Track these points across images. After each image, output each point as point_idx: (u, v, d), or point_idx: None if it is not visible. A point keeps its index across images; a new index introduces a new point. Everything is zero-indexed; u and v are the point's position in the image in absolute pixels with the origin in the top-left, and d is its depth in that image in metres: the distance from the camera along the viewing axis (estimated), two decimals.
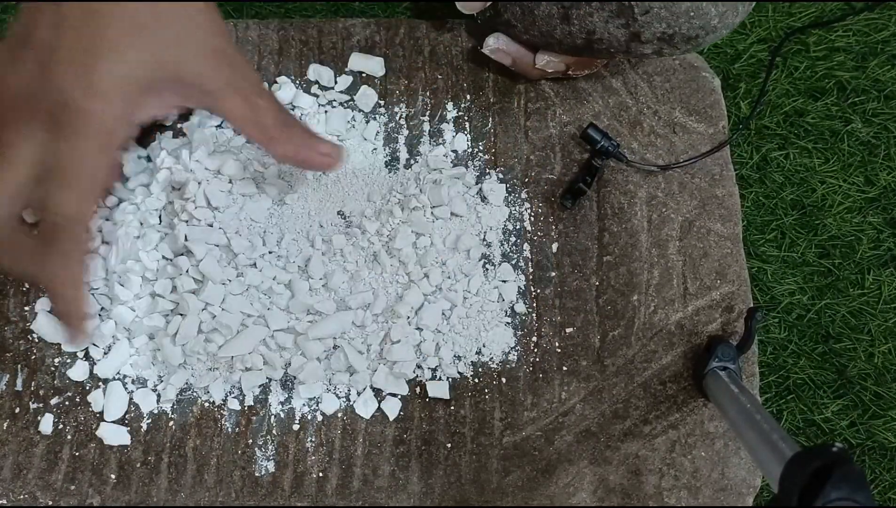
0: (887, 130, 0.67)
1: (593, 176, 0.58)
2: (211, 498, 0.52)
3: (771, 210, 0.65)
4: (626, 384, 0.56)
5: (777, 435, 0.43)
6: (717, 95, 0.62)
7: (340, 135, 0.60)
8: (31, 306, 0.56)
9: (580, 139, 0.59)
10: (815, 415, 0.60)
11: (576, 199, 0.58)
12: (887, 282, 0.63)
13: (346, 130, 0.60)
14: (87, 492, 0.52)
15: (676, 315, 0.57)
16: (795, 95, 0.67)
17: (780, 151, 0.66)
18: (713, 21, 0.51)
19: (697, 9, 0.49)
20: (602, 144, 0.57)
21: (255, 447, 0.53)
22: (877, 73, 0.68)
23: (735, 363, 0.53)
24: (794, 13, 0.70)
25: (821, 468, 0.36)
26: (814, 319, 0.63)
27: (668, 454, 0.54)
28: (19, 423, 0.54)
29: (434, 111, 0.61)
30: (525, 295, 0.57)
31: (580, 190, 0.57)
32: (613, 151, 0.58)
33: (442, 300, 0.55)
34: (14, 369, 0.55)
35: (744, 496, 0.54)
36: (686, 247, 0.58)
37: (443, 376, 0.55)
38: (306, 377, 0.53)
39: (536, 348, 0.56)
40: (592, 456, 0.54)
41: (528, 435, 0.54)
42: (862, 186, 0.66)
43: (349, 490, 0.53)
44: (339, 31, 0.63)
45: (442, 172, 0.58)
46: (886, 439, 0.60)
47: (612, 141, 0.58)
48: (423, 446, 0.54)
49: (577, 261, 0.58)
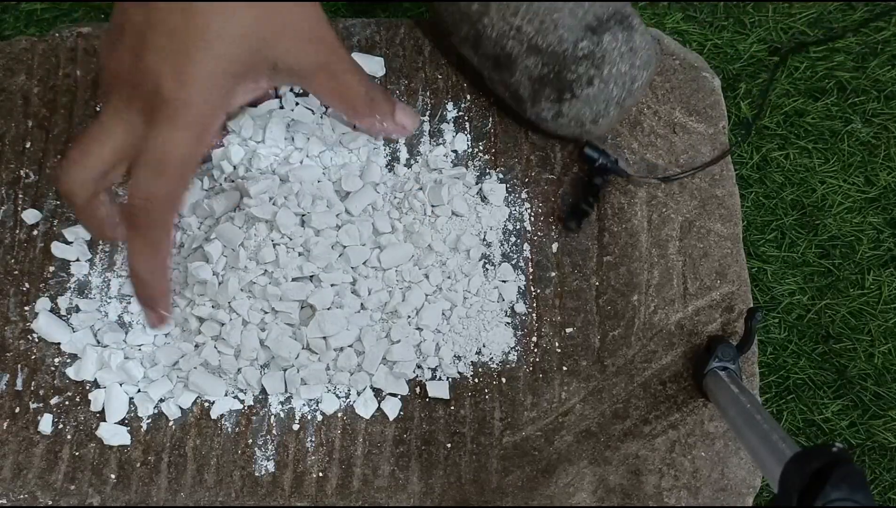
0: (887, 130, 0.67)
1: (596, 195, 0.57)
2: (211, 498, 0.52)
3: (771, 210, 0.65)
4: (626, 384, 0.56)
5: (777, 435, 0.43)
6: (717, 95, 0.62)
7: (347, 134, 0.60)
8: (31, 306, 0.56)
9: (577, 158, 0.59)
10: (815, 415, 0.60)
11: (580, 220, 0.58)
12: (887, 282, 0.63)
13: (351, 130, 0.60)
14: (87, 492, 0.52)
15: (676, 315, 0.57)
16: (795, 95, 0.67)
17: (780, 151, 0.66)
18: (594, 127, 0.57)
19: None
20: (600, 162, 0.57)
21: (255, 447, 0.53)
22: (877, 73, 0.68)
23: (735, 363, 0.53)
24: (794, 13, 0.70)
25: (821, 468, 0.36)
26: (814, 319, 0.63)
27: (668, 454, 0.54)
28: (19, 423, 0.54)
29: (434, 111, 0.61)
30: (525, 295, 0.57)
31: (584, 212, 0.57)
32: (612, 167, 0.57)
33: (442, 300, 0.55)
34: (14, 369, 0.55)
35: (744, 496, 0.54)
36: (686, 247, 0.58)
37: (443, 376, 0.55)
38: (308, 377, 0.53)
39: (536, 348, 0.56)
40: (592, 456, 0.54)
41: (528, 435, 0.54)
42: (862, 187, 0.66)
43: (349, 490, 0.53)
44: (339, 31, 0.62)
45: (442, 172, 0.58)
46: (886, 439, 0.60)
47: (610, 157, 0.57)
48: (423, 446, 0.54)
49: (577, 261, 0.58)
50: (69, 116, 0.60)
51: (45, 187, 0.59)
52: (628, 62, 0.54)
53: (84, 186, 0.44)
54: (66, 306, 0.56)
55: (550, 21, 0.54)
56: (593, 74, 0.53)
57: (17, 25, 0.69)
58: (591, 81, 0.54)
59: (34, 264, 0.57)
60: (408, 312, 0.54)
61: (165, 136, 0.42)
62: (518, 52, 0.55)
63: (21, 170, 0.59)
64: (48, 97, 0.61)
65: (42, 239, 0.57)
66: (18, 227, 0.58)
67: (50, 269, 0.57)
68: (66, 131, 0.60)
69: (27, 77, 0.61)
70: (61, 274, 0.57)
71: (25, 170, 0.59)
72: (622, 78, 0.54)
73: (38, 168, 0.59)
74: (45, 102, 0.61)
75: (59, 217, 0.58)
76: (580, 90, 0.54)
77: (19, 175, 0.59)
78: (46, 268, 0.57)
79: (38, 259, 0.57)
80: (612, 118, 0.56)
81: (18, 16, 0.69)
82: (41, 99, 0.61)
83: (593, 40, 0.53)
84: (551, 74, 0.54)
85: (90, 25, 0.63)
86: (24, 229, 0.58)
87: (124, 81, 0.42)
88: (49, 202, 0.58)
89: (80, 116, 0.61)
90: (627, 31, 0.54)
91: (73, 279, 0.56)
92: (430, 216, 0.56)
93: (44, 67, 0.62)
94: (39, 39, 0.63)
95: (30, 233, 0.58)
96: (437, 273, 0.55)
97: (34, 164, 0.59)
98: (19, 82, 0.61)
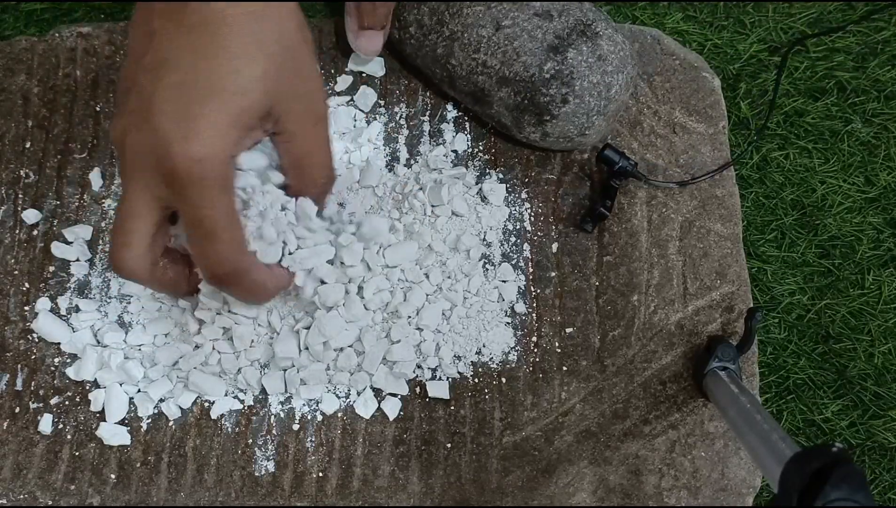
0: (887, 130, 0.67)
1: (613, 197, 0.57)
2: (211, 498, 0.52)
3: (771, 210, 0.65)
4: (626, 384, 0.55)
5: (777, 435, 0.43)
6: (717, 95, 0.62)
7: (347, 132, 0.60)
8: (31, 306, 0.56)
9: (596, 161, 0.59)
10: (815, 415, 0.60)
11: (596, 223, 0.57)
12: (887, 282, 0.63)
13: (352, 129, 0.60)
14: (87, 492, 0.52)
15: (676, 315, 0.57)
16: (795, 96, 0.67)
17: (780, 151, 0.66)
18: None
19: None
20: (621, 165, 0.57)
21: (255, 447, 0.53)
22: (877, 73, 0.68)
23: (735, 363, 0.53)
24: (794, 13, 0.70)
25: (821, 468, 0.36)
26: (814, 319, 0.63)
27: (668, 454, 0.54)
28: (19, 423, 0.54)
29: (434, 111, 0.61)
30: (525, 295, 0.57)
31: (601, 215, 0.56)
32: (632, 170, 0.57)
33: (442, 300, 0.55)
34: (14, 369, 0.55)
35: (744, 496, 0.54)
36: (686, 247, 0.58)
37: (443, 376, 0.55)
38: (308, 377, 0.53)
39: (536, 348, 0.56)
40: (592, 456, 0.54)
41: (528, 435, 0.54)
42: (862, 187, 0.66)
43: (349, 490, 0.53)
44: (340, 30, 0.63)
45: (442, 172, 0.58)
46: (886, 439, 0.60)
47: (630, 161, 0.57)
48: (423, 446, 0.54)
49: (577, 261, 0.58)
50: (69, 116, 0.60)
51: (45, 187, 0.59)
52: (599, 72, 0.54)
53: (141, 263, 0.43)
54: (66, 306, 0.56)
55: (512, 50, 0.54)
56: (566, 92, 0.54)
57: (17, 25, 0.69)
58: (566, 99, 0.54)
59: (34, 264, 0.57)
60: (409, 312, 0.54)
61: (196, 201, 0.40)
62: (490, 86, 0.56)
63: (21, 170, 0.59)
64: (48, 97, 0.61)
65: (42, 239, 0.57)
66: (18, 227, 0.58)
67: (50, 269, 0.57)
68: (66, 131, 0.60)
69: (27, 77, 0.61)
70: (61, 274, 0.57)
71: (25, 170, 0.59)
72: (595, 89, 0.54)
73: (38, 168, 0.59)
74: (45, 102, 0.61)
75: (59, 217, 0.58)
76: (557, 110, 0.54)
77: (19, 175, 0.59)
78: (46, 268, 0.57)
79: (38, 259, 0.57)
80: (599, 127, 0.56)
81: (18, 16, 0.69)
82: (41, 99, 0.61)
83: (557, 60, 0.53)
84: (526, 101, 0.55)
85: (90, 25, 0.63)
86: (24, 229, 0.58)
87: (136, 149, 0.40)
88: (49, 202, 0.58)
89: (80, 116, 0.61)
90: (592, 40, 0.54)
91: (73, 279, 0.56)
92: (430, 216, 0.56)
93: (44, 66, 0.62)
94: (39, 39, 0.63)
95: (30, 233, 0.58)
96: (437, 273, 0.55)
97: (34, 164, 0.59)
98: (19, 82, 0.61)
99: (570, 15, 0.54)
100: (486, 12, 0.55)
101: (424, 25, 0.57)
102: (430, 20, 0.57)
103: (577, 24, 0.54)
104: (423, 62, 0.59)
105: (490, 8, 0.55)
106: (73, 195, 0.59)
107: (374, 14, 0.57)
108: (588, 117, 0.55)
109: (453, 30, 0.56)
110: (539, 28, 0.54)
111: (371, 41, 0.59)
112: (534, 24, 0.54)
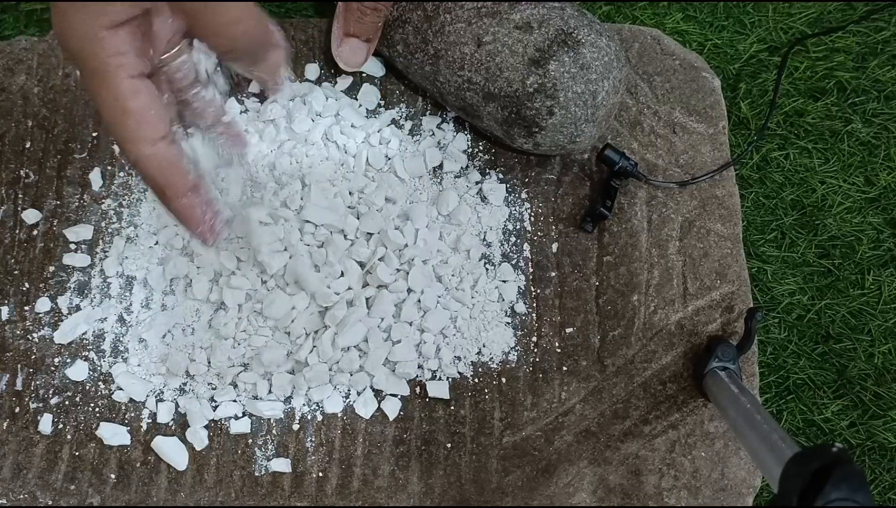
0: (887, 130, 0.67)
1: (613, 198, 0.57)
2: (211, 498, 0.52)
3: (771, 210, 0.65)
4: (626, 384, 0.55)
5: (777, 435, 0.43)
6: (717, 95, 0.62)
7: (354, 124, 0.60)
8: (32, 306, 0.56)
9: (596, 161, 0.59)
10: (815, 415, 0.60)
11: (596, 223, 0.57)
12: (887, 282, 0.63)
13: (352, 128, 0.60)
14: (86, 492, 0.52)
15: (676, 315, 0.57)
16: (795, 96, 0.67)
17: (780, 151, 0.66)
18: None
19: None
20: (621, 165, 0.57)
21: (255, 447, 0.53)
22: (877, 73, 0.68)
23: (735, 363, 0.53)
24: (794, 13, 0.70)
25: (821, 468, 0.36)
26: (814, 319, 0.63)
27: (668, 454, 0.54)
28: (19, 423, 0.54)
29: (434, 111, 0.61)
30: (525, 295, 0.57)
31: (602, 215, 0.56)
32: (632, 170, 0.57)
33: (452, 302, 0.55)
34: (14, 369, 0.55)
35: (744, 496, 0.54)
36: (686, 247, 0.58)
37: (443, 376, 0.55)
38: (311, 377, 0.53)
39: (536, 348, 0.56)
40: (592, 456, 0.54)
41: (528, 435, 0.54)
42: (862, 187, 0.66)
43: (349, 490, 0.53)
44: None
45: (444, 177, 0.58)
46: (886, 439, 0.60)
47: (630, 161, 0.57)
48: (423, 446, 0.54)
49: (577, 261, 0.58)
50: (69, 116, 0.60)
51: (45, 187, 0.59)
52: (583, 81, 0.54)
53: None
54: (66, 306, 0.56)
55: (494, 66, 0.54)
56: (551, 105, 0.54)
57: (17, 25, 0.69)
58: (552, 111, 0.54)
59: (34, 264, 0.57)
60: (414, 314, 0.54)
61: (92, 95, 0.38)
62: (477, 102, 0.56)
63: (21, 170, 0.59)
64: (48, 97, 0.61)
65: (42, 239, 0.57)
66: (18, 227, 0.58)
67: (50, 269, 0.57)
68: (66, 131, 0.60)
69: (27, 77, 0.61)
70: (61, 274, 0.57)
71: (25, 170, 0.59)
72: (581, 98, 0.54)
73: (38, 168, 0.59)
74: (45, 102, 0.61)
75: (59, 217, 0.58)
76: (544, 122, 0.54)
77: (19, 175, 0.59)
78: (46, 268, 0.57)
79: (38, 259, 0.57)
80: (590, 133, 0.56)
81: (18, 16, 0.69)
82: (41, 99, 0.61)
83: (539, 73, 0.53)
84: (513, 115, 0.55)
85: None
86: (24, 229, 0.58)
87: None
88: (49, 202, 0.58)
89: (80, 115, 0.61)
90: (574, 49, 0.53)
91: (73, 279, 0.56)
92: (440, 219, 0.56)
93: (44, 66, 0.62)
94: (39, 39, 0.63)
95: (30, 233, 0.58)
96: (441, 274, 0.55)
97: (34, 164, 0.59)
98: (19, 82, 0.61)
99: (550, 25, 0.54)
100: (466, 28, 0.55)
101: (410, 44, 0.57)
102: (415, 38, 0.57)
103: (558, 35, 0.53)
104: (413, 78, 0.59)
105: (471, 24, 0.55)
106: (73, 195, 0.59)
107: (361, 22, 0.56)
108: (577, 126, 0.55)
109: (437, 48, 0.56)
110: (519, 42, 0.53)
111: (354, 53, 0.58)
112: (514, 38, 0.54)
